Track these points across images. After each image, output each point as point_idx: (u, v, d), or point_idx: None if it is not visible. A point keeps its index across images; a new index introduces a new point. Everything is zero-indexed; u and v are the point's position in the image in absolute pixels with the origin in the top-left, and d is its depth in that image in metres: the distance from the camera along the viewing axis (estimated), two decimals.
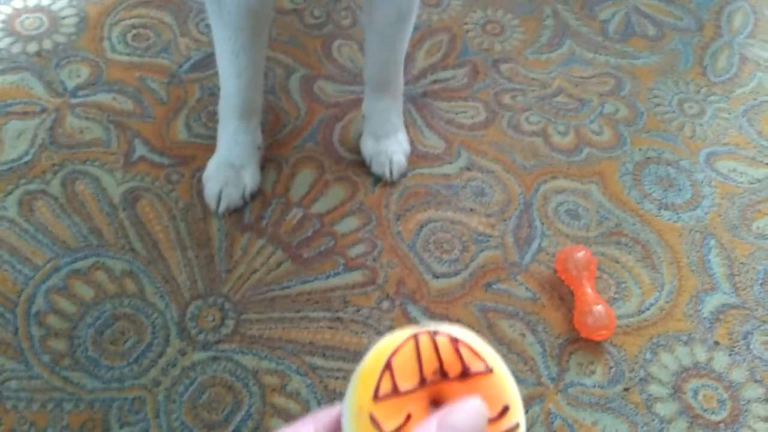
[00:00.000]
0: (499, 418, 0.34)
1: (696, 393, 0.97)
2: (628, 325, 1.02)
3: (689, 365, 0.99)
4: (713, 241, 1.12)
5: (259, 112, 1.08)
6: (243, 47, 0.95)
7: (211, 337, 0.95)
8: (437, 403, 0.34)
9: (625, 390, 0.97)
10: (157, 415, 0.89)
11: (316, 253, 1.04)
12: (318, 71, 1.26)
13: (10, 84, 1.19)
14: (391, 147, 1.12)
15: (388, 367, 0.34)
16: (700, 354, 1.00)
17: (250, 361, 0.93)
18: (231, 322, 0.97)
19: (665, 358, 1.00)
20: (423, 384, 0.34)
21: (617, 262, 1.08)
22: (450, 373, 0.34)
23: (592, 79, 1.33)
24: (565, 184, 1.16)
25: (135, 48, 1.26)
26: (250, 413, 0.90)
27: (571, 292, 1.03)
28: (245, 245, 1.03)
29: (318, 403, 0.91)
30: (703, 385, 0.98)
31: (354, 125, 1.19)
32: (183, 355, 0.93)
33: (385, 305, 1.00)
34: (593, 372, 0.97)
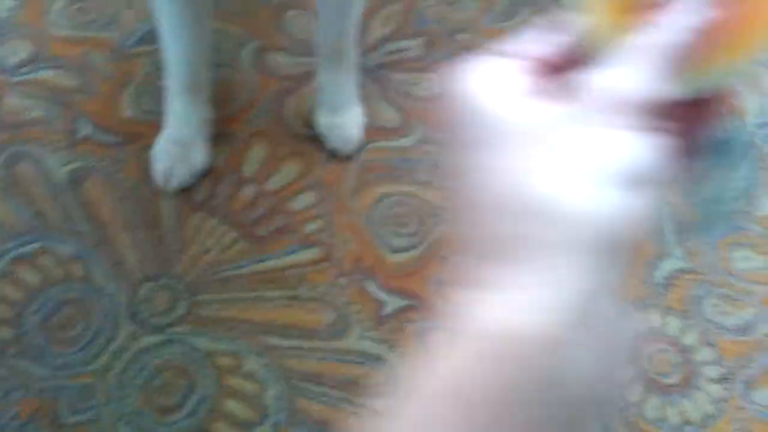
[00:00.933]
0: None
1: (651, 358, 0.98)
2: None
3: (644, 330, 1.00)
4: (666, 208, 1.13)
5: (207, 86, 1.05)
6: (185, 19, 0.92)
7: (163, 320, 0.93)
8: None
9: None
10: (109, 402, 0.87)
11: (270, 230, 1.02)
12: (270, 43, 1.23)
13: None
14: (346, 120, 1.10)
15: None
16: (655, 319, 1.01)
17: (204, 344, 0.92)
18: (184, 304, 0.95)
19: None
20: None
21: None
22: None
23: None
24: None
25: (78, 22, 1.21)
26: (206, 396, 0.89)
27: None
28: (197, 224, 1.01)
29: (276, 383, 0.90)
30: (658, 350, 0.99)
31: (308, 98, 1.16)
32: (134, 339, 0.91)
33: (343, 281, 0.99)
34: None
